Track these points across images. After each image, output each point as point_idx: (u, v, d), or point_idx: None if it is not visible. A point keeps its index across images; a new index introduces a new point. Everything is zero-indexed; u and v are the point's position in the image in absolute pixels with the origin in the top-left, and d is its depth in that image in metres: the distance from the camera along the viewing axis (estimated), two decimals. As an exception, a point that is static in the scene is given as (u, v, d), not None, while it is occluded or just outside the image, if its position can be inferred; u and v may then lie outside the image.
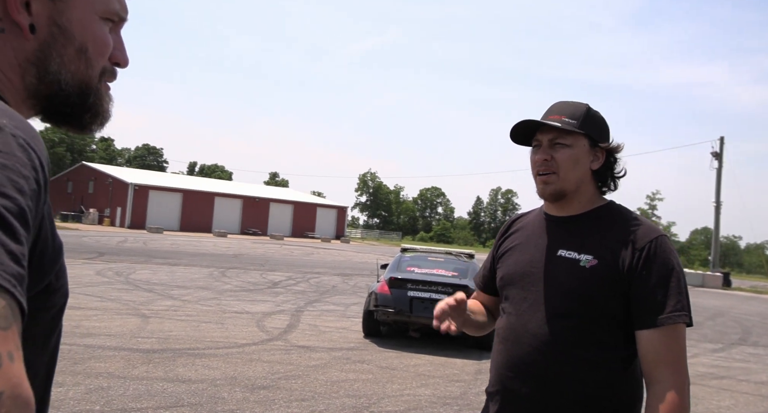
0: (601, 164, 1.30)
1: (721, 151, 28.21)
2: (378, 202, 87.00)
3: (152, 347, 5.35)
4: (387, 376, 5.10)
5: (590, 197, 1.32)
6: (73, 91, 0.63)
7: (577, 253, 1.25)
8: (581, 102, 1.33)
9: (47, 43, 0.60)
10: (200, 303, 8.27)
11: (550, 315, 1.24)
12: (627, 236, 1.24)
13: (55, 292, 0.58)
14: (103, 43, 0.65)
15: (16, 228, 0.43)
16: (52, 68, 0.61)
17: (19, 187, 0.45)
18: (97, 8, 0.64)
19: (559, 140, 1.27)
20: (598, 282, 1.22)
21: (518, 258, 1.35)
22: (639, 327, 1.20)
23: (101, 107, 0.67)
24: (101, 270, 11.35)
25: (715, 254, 28.69)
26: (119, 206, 37.29)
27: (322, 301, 9.73)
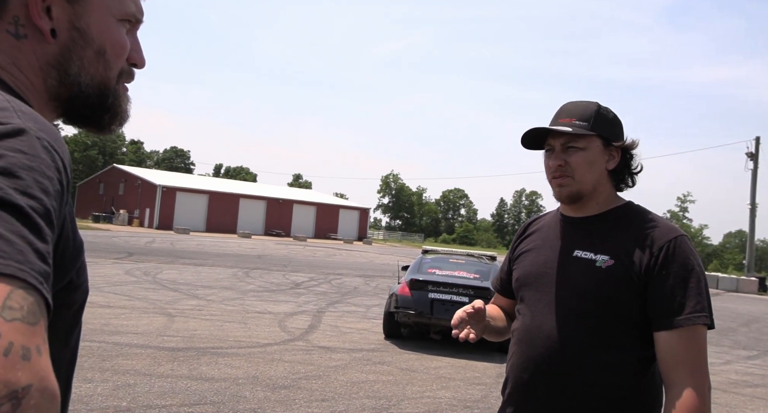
0: (617, 163, 1.28)
1: (756, 151, 27.30)
2: (400, 203, 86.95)
3: (177, 345, 5.46)
4: (407, 378, 5.09)
5: (607, 197, 1.30)
6: (93, 93, 0.65)
7: (593, 253, 1.23)
8: (591, 101, 1.30)
9: (67, 46, 0.62)
10: (224, 303, 8.42)
11: (566, 316, 1.23)
12: (645, 236, 1.21)
13: (76, 289, 0.60)
14: (120, 45, 0.66)
15: (42, 227, 0.45)
16: (72, 71, 0.63)
17: (44, 188, 0.47)
18: (114, 11, 0.65)
19: (571, 144, 1.25)
20: (615, 283, 1.19)
21: (534, 260, 1.34)
22: (657, 329, 1.17)
23: (120, 108, 0.68)
24: (130, 270, 11.67)
25: (750, 257, 27.70)
26: (148, 207, 38.27)
27: (344, 302, 9.78)
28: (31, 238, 0.43)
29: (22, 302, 0.39)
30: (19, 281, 0.40)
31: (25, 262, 0.41)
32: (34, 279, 0.41)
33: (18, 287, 0.39)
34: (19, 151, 0.47)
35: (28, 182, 0.45)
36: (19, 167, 0.45)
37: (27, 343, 0.38)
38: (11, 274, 0.39)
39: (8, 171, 0.44)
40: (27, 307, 0.39)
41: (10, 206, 0.43)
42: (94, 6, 0.64)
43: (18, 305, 0.39)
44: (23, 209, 0.43)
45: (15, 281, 0.39)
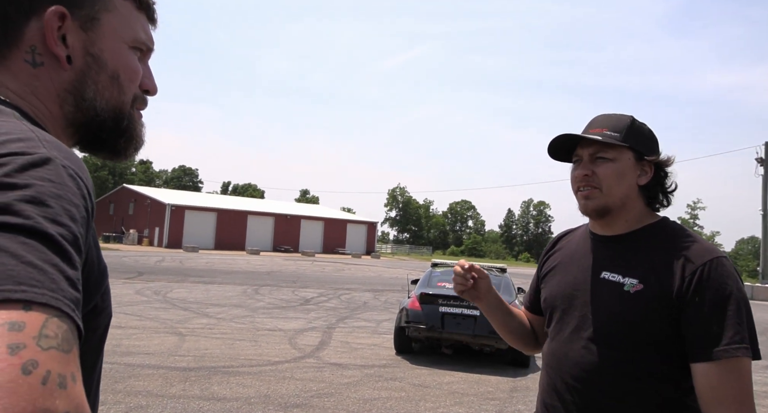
0: (649, 179, 1.20)
1: (766, 156, 27.02)
2: (408, 217, 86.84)
3: (189, 365, 5.46)
4: (420, 394, 5.03)
5: (638, 214, 1.22)
6: (108, 117, 0.67)
7: (621, 276, 1.16)
8: (625, 114, 1.23)
9: (83, 71, 0.65)
10: (234, 321, 8.41)
11: (592, 342, 1.16)
12: (678, 257, 1.12)
13: (100, 313, 0.61)
14: (133, 70, 0.69)
15: (71, 255, 0.46)
16: (88, 95, 0.65)
17: (72, 215, 0.48)
18: (126, 38, 0.68)
19: (600, 154, 1.18)
20: (644, 308, 1.11)
21: (561, 279, 1.28)
22: (693, 360, 1.08)
23: (135, 131, 0.70)
24: (140, 289, 11.71)
25: (764, 264, 27.23)
26: (157, 226, 38.52)
27: (354, 317, 9.73)
28: (62, 266, 0.44)
29: (57, 330, 0.40)
30: (53, 309, 0.41)
31: (58, 290, 0.42)
32: (67, 307, 0.42)
33: (53, 316, 0.40)
34: (47, 180, 0.48)
35: (56, 210, 0.47)
36: (47, 195, 0.47)
37: (63, 371, 0.39)
38: (45, 303, 0.41)
39: (37, 200, 0.46)
40: (62, 335, 0.40)
41: (41, 234, 0.44)
42: (107, 33, 0.66)
43: (53, 333, 0.40)
44: (53, 237, 0.45)
45: (49, 310, 0.41)
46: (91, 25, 0.65)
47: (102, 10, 0.66)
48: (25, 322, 0.39)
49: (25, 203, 0.45)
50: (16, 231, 0.43)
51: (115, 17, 0.67)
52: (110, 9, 0.67)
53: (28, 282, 0.41)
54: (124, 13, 0.68)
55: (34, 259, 0.42)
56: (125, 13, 0.68)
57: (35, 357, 0.37)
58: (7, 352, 0.37)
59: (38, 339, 0.38)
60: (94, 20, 0.65)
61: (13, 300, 0.39)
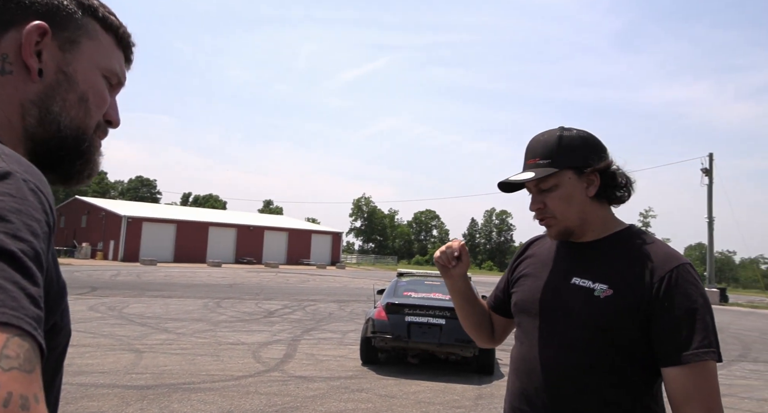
0: (597, 187, 1.22)
1: (710, 167, 28.58)
2: (373, 227, 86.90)
3: (147, 383, 5.24)
4: (386, 405, 5.01)
5: (602, 222, 1.24)
6: (70, 135, 0.66)
7: (591, 281, 1.18)
8: (553, 130, 1.25)
9: (52, 86, 0.65)
10: (195, 336, 8.15)
11: (563, 347, 1.18)
12: (646, 263, 1.15)
13: (59, 331, 0.59)
14: (102, 96, 0.70)
15: (33, 271, 0.45)
16: (54, 109, 0.65)
17: (33, 230, 0.47)
18: (101, 65, 0.69)
19: (542, 186, 1.22)
20: (614, 314, 1.14)
21: (532, 284, 1.29)
22: (664, 364, 1.11)
23: (93, 156, 0.69)
24: (94, 305, 11.19)
25: (711, 269, 28.72)
26: (112, 240, 36.99)
27: (319, 329, 9.62)
28: (23, 283, 0.43)
29: (18, 350, 0.39)
30: (14, 328, 0.40)
31: (19, 308, 0.41)
32: (29, 325, 0.41)
33: (14, 335, 0.39)
34: (7, 194, 0.47)
35: (17, 225, 0.45)
36: (7, 210, 0.46)
37: (25, 392, 0.38)
38: (6, 322, 0.39)
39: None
40: (23, 355, 0.39)
41: (2, 251, 0.43)
42: (84, 56, 0.67)
43: (15, 353, 0.39)
44: (14, 253, 0.43)
45: (10, 329, 0.39)
46: (70, 46, 0.66)
47: (84, 36, 0.68)
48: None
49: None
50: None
51: (95, 45, 0.69)
52: (92, 37, 0.69)
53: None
54: (105, 44, 0.70)
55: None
56: (105, 44, 0.70)
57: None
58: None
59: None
60: (75, 44, 0.67)
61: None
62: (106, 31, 0.70)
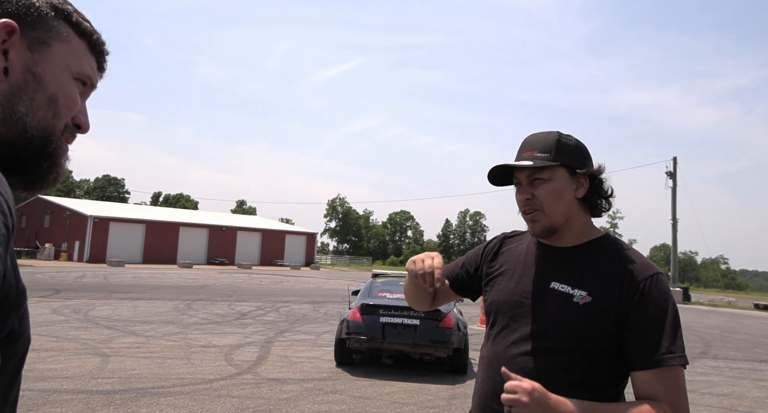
0: (585, 191, 1.26)
1: (674, 170, 29.53)
2: (348, 227, 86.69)
3: (113, 388, 5.08)
4: (361, 406, 5.00)
5: (582, 227, 1.28)
6: (37, 136, 0.63)
7: (570, 287, 1.21)
8: (552, 131, 1.29)
9: (19, 86, 0.62)
10: (165, 338, 7.96)
11: (540, 350, 1.20)
12: (623, 272, 1.20)
13: (17, 338, 0.57)
14: (72, 98, 0.67)
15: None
16: (19, 109, 0.62)
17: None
18: (72, 68, 0.67)
19: (536, 176, 1.24)
20: (591, 320, 1.17)
21: (508, 285, 1.31)
22: (634, 368, 1.16)
23: (60, 159, 0.67)
24: (57, 308, 10.80)
25: (674, 269, 29.71)
26: (77, 240, 35.78)
27: (293, 331, 9.52)
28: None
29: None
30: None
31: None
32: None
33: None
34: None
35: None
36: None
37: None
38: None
39: None
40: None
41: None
42: (54, 57, 0.66)
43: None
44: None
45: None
46: (39, 47, 0.64)
47: (54, 38, 0.66)
48: None
49: None
50: None
51: (66, 47, 0.67)
52: (63, 39, 0.67)
53: None
54: (76, 47, 0.68)
55: None
56: (77, 47, 0.69)
57: None
58: None
59: None
60: (44, 44, 0.65)
61: None
62: (79, 36, 0.69)
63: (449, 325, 6.38)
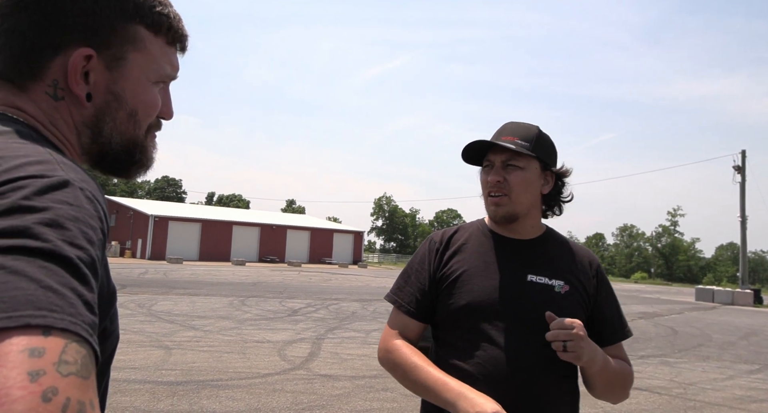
0: (551, 188, 1.30)
1: (743, 164, 27.67)
2: (394, 225, 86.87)
3: (176, 379, 5.35)
4: (412, 404, 5.00)
5: (538, 220, 1.33)
6: (122, 150, 0.69)
7: (548, 278, 1.24)
8: (532, 124, 1.29)
9: (102, 109, 0.66)
10: (221, 333, 8.29)
11: (536, 345, 1.18)
12: (581, 260, 1.32)
13: (109, 336, 0.60)
14: (153, 106, 0.70)
15: (89, 278, 0.46)
16: (105, 131, 0.67)
17: (89, 238, 0.48)
18: (151, 75, 0.69)
19: (512, 162, 1.24)
20: (574, 307, 1.24)
21: (481, 284, 1.22)
22: (605, 344, 1.29)
23: (146, 157, 0.72)
24: (124, 303, 11.48)
25: (744, 270, 27.80)
26: (140, 238, 37.88)
27: (342, 328, 9.66)
28: (80, 289, 0.44)
29: (76, 356, 0.40)
30: (72, 334, 0.40)
31: (77, 315, 0.42)
32: (85, 332, 0.42)
33: (72, 341, 0.40)
34: (65, 202, 0.48)
35: (74, 232, 0.47)
36: (65, 218, 0.47)
37: (82, 398, 0.38)
38: (65, 328, 0.40)
39: (56, 223, 0.46)
40: (80, 360, 0.40)
41: (60, 258, 0.44)
42: (132, 72, 0.67)
43: (73, 359, 0.39)
44: (72, 260, 0.44)
45: (69, 335, 0.40)
46: (116, 64, 0.66)
47: (131, 50, 0.66)
48: (45, 348, 0.38)
49: (44, 226, 0.45)
50: (34, 255, 0.43)
51: (143, 57, 0.68)
52: (139, 49, 0.67)
53: (47, 307, 0.40)
54: (154, 50, 0.69)
55: (53, 283, 0.42)
56: (155, 50, 0.69)
57: (55, 384, 0.37)
58: (27, 379, 0.36)
59: (58, 365, 0.38)
60: (121, 60, 0.66)
61: (32, 326, 0.39)
62: (155, 35, 0.68)
63: None
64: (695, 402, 5.77)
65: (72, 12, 0.62)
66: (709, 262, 76.23)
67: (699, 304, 23.15)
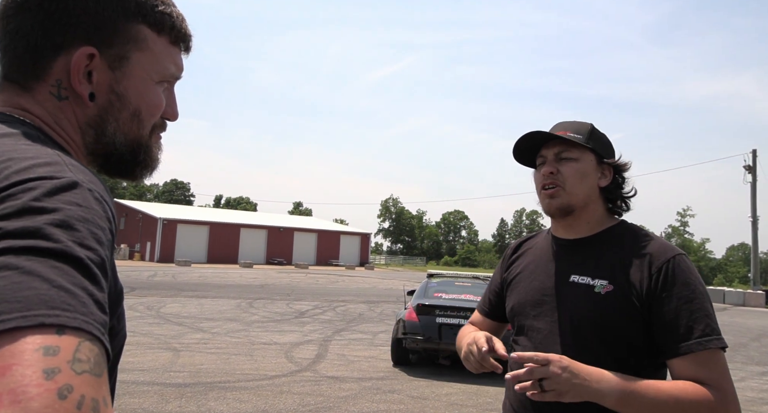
0: (609, 182, 1.24)
1: (754, 164, 27.37)
2: (401, 227, 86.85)
3: (184, 381, 5.38)
4: (419, 406, 5.00)
5: (599, 217, 1.25)
6: (126, 150, 0.69)
7: (590, 278, 1.17)
8: (586, 121, 1.29)
9: (105, 109, 0.66)
10: (229, 335, 8.33)
11: (568, 346, 1.15)
12: (642, 256, 1.15)
13: (116, 335, 0.61)
14: (156, 105, 0.70)
15: (99, 278, 0.47)
16: (108, 131, 0.67)
17: (99, 238, 0.49)
18: (154, 75, 0.69)
19: (565, 154, 1.22)
20: (615, 309, 1.13)
21: (528, 286, 1.27)
22: (668, 357, 1.09)
23: (151, 158, 0.72)
24: (133, 305, 11.57)
25: (755, 270, 27.45)
26: (149, 241, 38.17)
27: (350, 330, 9.67)
28: (91, 289, 0.45)
29: (90, 354, 0.41)
30: (85, 333, 0.41)
31: (89, 313, 0.43)
32: (97, 330, 0.43)
33: (85, 340, 0.41)
34: (74, 203, 0.49)
35: (84, 233, 0.48)
36: (75, 219, 0.48)
37: (96, 395, 0.39)
38: (78, 327, 0.41)
39: (66, 224, 0.47)
40: (94, 359, 0.41)
41: (71, 258, 0.45)
42: (135, 71, 0.67)
43: (86, 357, 0.40)
44: (83, 260, 0.45)
45: (82, 334, 0.41)
46: (119, 64, 0.65)
47: (133, 49, 0.66)
48: (60, 346, 0.39)
49: (55, 227, 0.46)
50: (46, 255, 0.44)
51: (146, 56, 0.67)
52: (142, 48, 0.67)
53: (60, 306, 0.41)
54: (157, 50, 0.68)
55: (65, 283, 0.43)
56: (158, 50, 0.68)
57: (70, 382, 0.38)
58: (43, 377, 0.37)
59: (72, 364, 0.39)
60: (124, 59, 0.65)
61: (46, 325, 0.40)
62: (158, 34, 0.68)
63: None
64: (706, 404, 5.70)
65: (74, 11, 0.63)
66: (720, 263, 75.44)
67: (710, 305, 22.88)
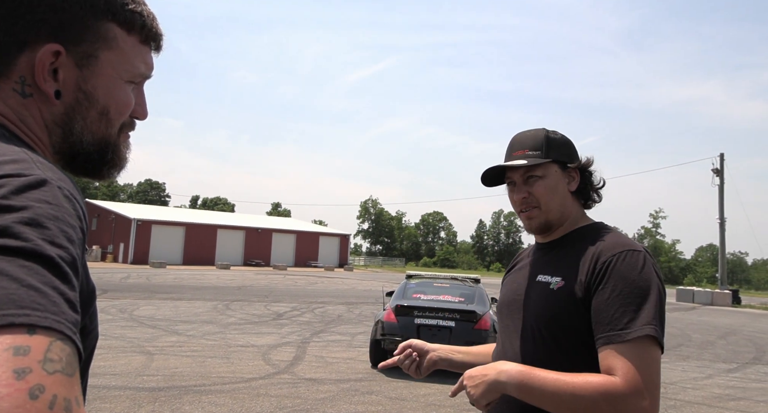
0: (578, 183, 1.30)
1: (721, 167, 28.29)
2: (380, 228, 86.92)
3: (158, 385, 5.27)
4: (397, 407, 5.00)
5: (574, 218, 1.31)
6: (94, 150, 0.67)
7: (550, 276, 1.24)
8: (539, 129, 1.32)
9: (72, 107, 0.64)
10: (205, 338, 8.19)
11: (525, 341, 1.24)
12: (595, 251, 1.17)
13: (88, 334, 0.60)
14: (125, 104, 0.68)
15: (70, 276, 0.46)
16: (75, 130, 0.65)
17: (69, 236, 0.48)
18: (123, 74, 0.67)
19: (530, 174, 1.27)
20: (563, 303, 1.17)
21: (508, 288, 1.37)
22: (598, 346, 1.08)
23: (119, 157, 0.71)
24: (105, 308, 11.29)
25: (723, 271, 28.38)
26: (122, 242, 37.30)
27: (328, 331, 9.63)
28: (62, 288, 0.44)
29: (61, 354, 0.40)
30: (56, 332, 0.41)
31: (60, 313, 0.42)
32: (69, 330, 0.42)
33: (56, 339, 0.40)
34: (43, 201, 0.48)
35: (54, 231, 0.47)
36: (45, 217, 0.47)
37: (68, 395, 0.39)
38: (49, 326, 0.40)
39: (36, 222, 0.46)
40: (65, 358, 0.40)
41: (41, 256, 0.44)
42: (103, 70, 0.65)
43: (57, 357, 0.40)
44: (53, 259, 0.45)
45: (53, 333, 0.41)
46: (87, 62, 0.64)
47: (102, 48, 0.65)
48: (30, 346, 0.39)
49: (24, 226, 0.45)
50: (15, 254, 0.43)
51: (115, 55, 0.66)
52: (111, 47, 0.65)
53: (30, 306, 0.40)
54: (126, 49, 0.67)
55: (35, 282, 0.42)
56: (127, 48, 0.67)
57: (41, 382, 0.37)
58: (13, 377, 0.36)
59: (44, 363, 0.38)
60: (92, 57, 0.64)
61: (16, 324, 0.39)
62: (128, 33, 0.67)
63: (485, 327, 6.30)
64: (675, 401, 5.86)
65: (39, 8, 0.61)
66: (690, 263, 77.72)
67: (680, 304, 23.57)
